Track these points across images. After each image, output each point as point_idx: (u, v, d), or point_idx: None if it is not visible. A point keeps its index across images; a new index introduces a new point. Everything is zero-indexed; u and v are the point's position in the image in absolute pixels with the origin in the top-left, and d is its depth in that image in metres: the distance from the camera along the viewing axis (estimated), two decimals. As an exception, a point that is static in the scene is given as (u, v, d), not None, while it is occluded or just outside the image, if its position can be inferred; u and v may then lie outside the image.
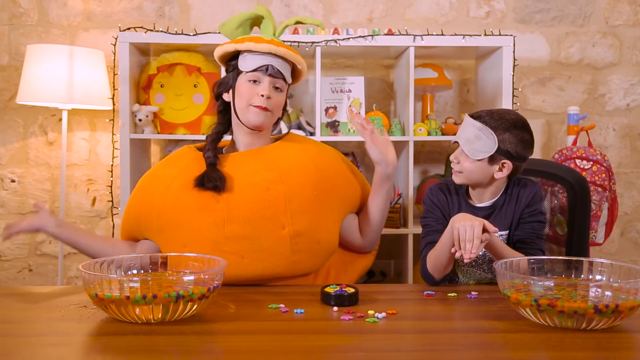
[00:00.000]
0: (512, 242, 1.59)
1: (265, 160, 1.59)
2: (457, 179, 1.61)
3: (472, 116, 1.57)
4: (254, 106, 1.58)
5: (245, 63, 1.60)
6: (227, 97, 1.66)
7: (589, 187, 1.88)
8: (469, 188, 1.66)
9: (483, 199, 1.62)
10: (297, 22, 1.65)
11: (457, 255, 1.40)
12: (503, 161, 1.54)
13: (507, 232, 1.59)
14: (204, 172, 1.56)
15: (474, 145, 1.53)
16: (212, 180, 1.53)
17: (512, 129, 1.52)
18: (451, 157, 1.60)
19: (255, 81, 1.60)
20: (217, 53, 1.66)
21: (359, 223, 1.75)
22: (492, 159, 1.54)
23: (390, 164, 1.64)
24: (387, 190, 1.69)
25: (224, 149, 1.71)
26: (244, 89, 1.60)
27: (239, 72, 1.62)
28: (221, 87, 1.66)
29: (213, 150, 1.62)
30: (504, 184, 1.61)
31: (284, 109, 1.70)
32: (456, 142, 1.59)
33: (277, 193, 1.53)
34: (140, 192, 1.66)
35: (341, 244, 1.74)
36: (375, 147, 1.62)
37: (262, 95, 1.58)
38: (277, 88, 1.62)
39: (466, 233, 1.38)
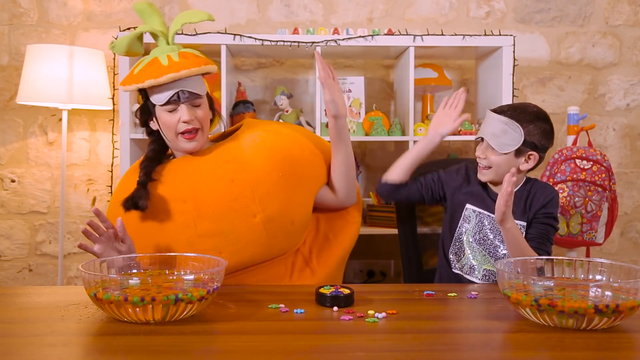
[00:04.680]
0: None
1: (224, 152, 1.57)
2: (484, 177, 1.63)
3: (496, 111, 1.61)
4: (182, 135, 1.55)
5: (155, 97, 1.54)
6: (154, 125, 1.61)
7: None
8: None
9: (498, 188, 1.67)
10: (184, 23, 1.56)
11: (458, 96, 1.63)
12: (530, 153, 1.59)
13: (524, 223, 1.63)
14: (132, 193, 1.52)
15: (501, 139, 1.57)
16: (138, 200, 1.49)
17: (536, 121, 1.58)
18: (477, 153, 1.62)
19: (173, 110, 1.54)
20: (122, 89, 1.58)
21: (329, 182, 1.71)
22: (518, 152, 1.58)
23: (340, 106, 1.58)
24: (345, 144, 1.64)
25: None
26: (165, 120, 1.55)
27: (154, 104, 1.55)
28: (144, 116, 1.61)
29: (148, 168, 1.57)
30: (523, 178, 1.66)
31: (214, 113, 1.66)
32: (480, 138, 1.63)
33: (242, 182, 1.51)
34: (110, 207, 1.64)
35: (321, 216, 1.72)
36: (329, 93, 1.57)
37: (185, 122, 1.54)
38: (196, 105, 1.56)
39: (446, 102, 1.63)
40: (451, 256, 1.70)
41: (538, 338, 1.09)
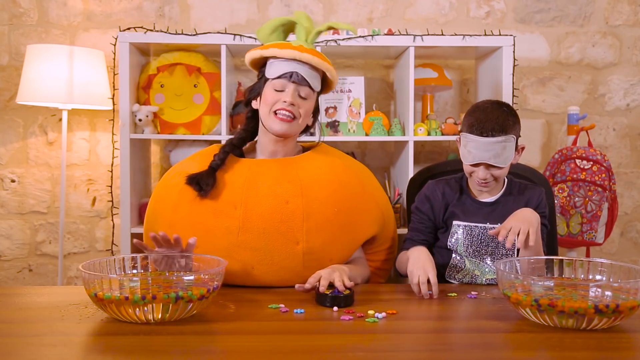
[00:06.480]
0: None
1: (289, 170, 1.56)
2: (486, 188, 1.62)
3: (484, 134, 1.53)
4: (276, 114, 1.56)
5: (271, 70, 1.58)
6: (255, 104, 1.64)
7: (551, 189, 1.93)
8: (469, 184, 1.68)
9: (485, 195, 1.66)
10: (330, 28, 1.61)
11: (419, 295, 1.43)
12: (520, 147, 1.62)
13: None
14: (201, 172, 1.55)
15: (503, 156, 1.54)
16: (203, 184, 1.52)
17: (513, 118, 1.58)
18: (480, 176, 1.56)
19: (280, 90, 1.57)
20: (247, 60, 1.64)
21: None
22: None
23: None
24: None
25: (244, 149, 1.70)
26: (268, 96, 1.58)
27: (266, 79, 1.59)
28: (250, 94, 1.65)
29: (224, 154, 1.59)
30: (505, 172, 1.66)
31: (315, 118, 1.68)
32: (477, 164, 1.56)
33: (295, 207, 1.50)
34: (161, 185, 1.67)
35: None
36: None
37: (285, 102, 1.55)
38: (302, 97, 1.58)
39: (418, 278, 1.42)
40: (448, 270, 1.68)
41: (538, 338, 1.09)
